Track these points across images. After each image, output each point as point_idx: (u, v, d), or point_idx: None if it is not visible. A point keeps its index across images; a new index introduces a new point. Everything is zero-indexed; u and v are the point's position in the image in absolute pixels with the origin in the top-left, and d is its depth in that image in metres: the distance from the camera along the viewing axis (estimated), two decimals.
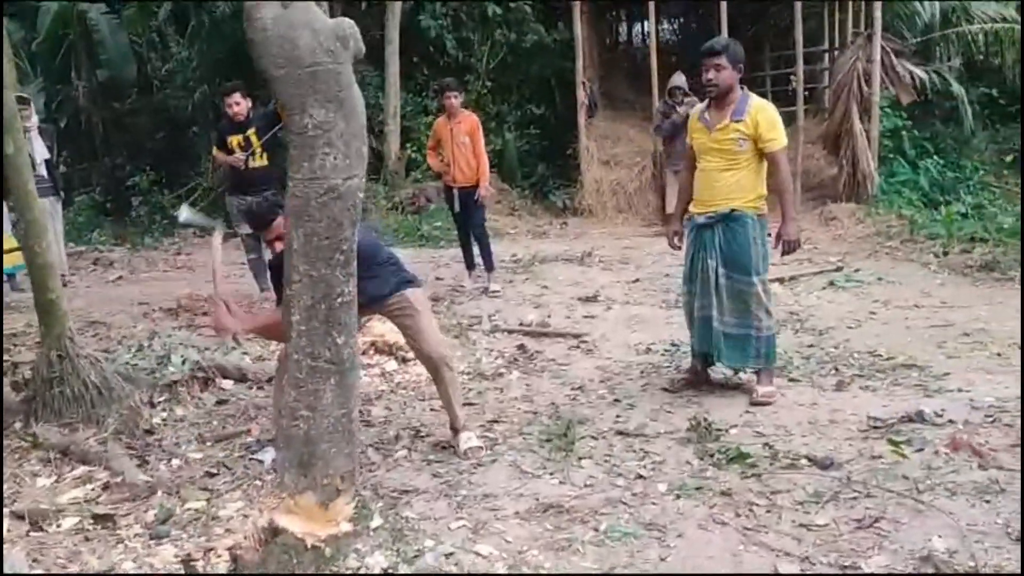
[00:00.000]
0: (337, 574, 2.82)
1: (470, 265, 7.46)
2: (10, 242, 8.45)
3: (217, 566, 2.84)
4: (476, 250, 7.40)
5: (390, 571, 2.87)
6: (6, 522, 3.21)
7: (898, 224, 9.01)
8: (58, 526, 3.22)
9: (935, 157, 11.49)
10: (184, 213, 4.56)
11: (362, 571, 2.84)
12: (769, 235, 4.47)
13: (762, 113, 4.24)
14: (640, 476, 3.61)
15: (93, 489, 3.48)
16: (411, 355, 5.25)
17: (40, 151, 8.40)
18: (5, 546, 3.01)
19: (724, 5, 10.37)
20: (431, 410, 4.57)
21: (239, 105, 6.82)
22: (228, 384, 4.93)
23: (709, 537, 3.07)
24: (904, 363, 4.86)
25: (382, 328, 5.55)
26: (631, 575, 2.85)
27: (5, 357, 4.81)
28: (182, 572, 2.82)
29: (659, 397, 4.61)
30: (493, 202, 10.81)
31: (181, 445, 4.08)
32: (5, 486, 3.51)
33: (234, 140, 6.87)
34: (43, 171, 8.58)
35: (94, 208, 12.90)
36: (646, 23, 14.74)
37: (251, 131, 6.84)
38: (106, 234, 11.63)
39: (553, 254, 8.57)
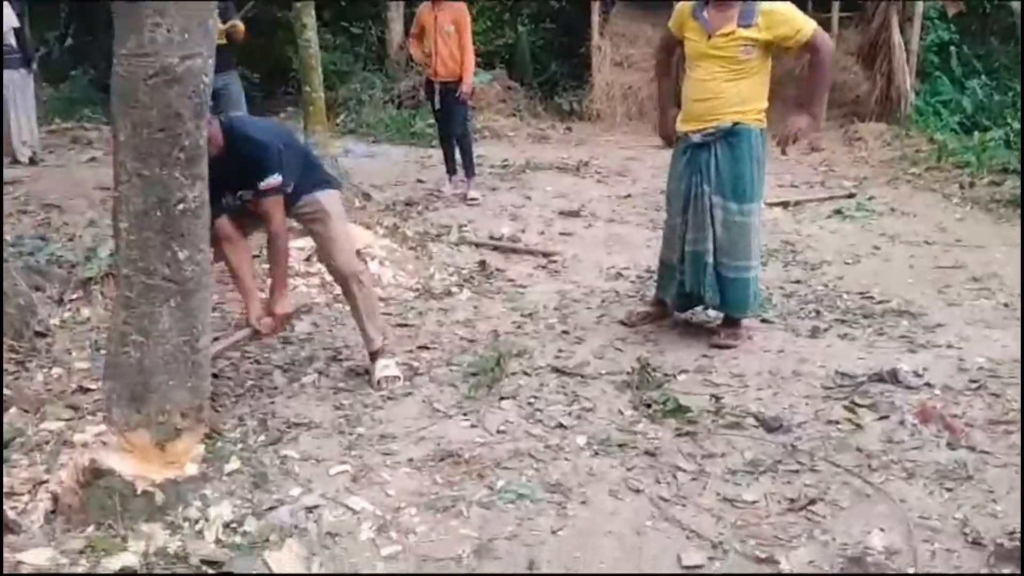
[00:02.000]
0: (171, 523, 2.45)
1: (451, 169, 6.91)
2: None
3: (37, 507, 2.48)
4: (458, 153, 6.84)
5: (233, 524, 2.49)
6: None
7: (928, 149, 8.23)
8: None
9: (983, 77, 10.52)
10: None
11: (200, 523, 2.46)
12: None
13: (774, 13, 3.58)
14: (561, 425, 3.18)
15: None
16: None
17: (8, 19, 7.91)
18: None
19: None
20: None
21: None
22: None
23: (616, 507, 2.65)
24: (896, 308, 4.33)
25: None
26: None
27: None
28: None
29: (612, 331, 4.14)
30: (498, 101, 10.17)
31: (72, 352, 3.71)
32: None
33: None
34: (11, 40, 8.12)
35: (93, 85, 12.39)
36: None
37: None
38: (98, 112, 11.16)
39: (548, 161, 7.98)
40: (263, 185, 3.17)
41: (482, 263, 5.22)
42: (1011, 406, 3.07)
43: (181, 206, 2.38)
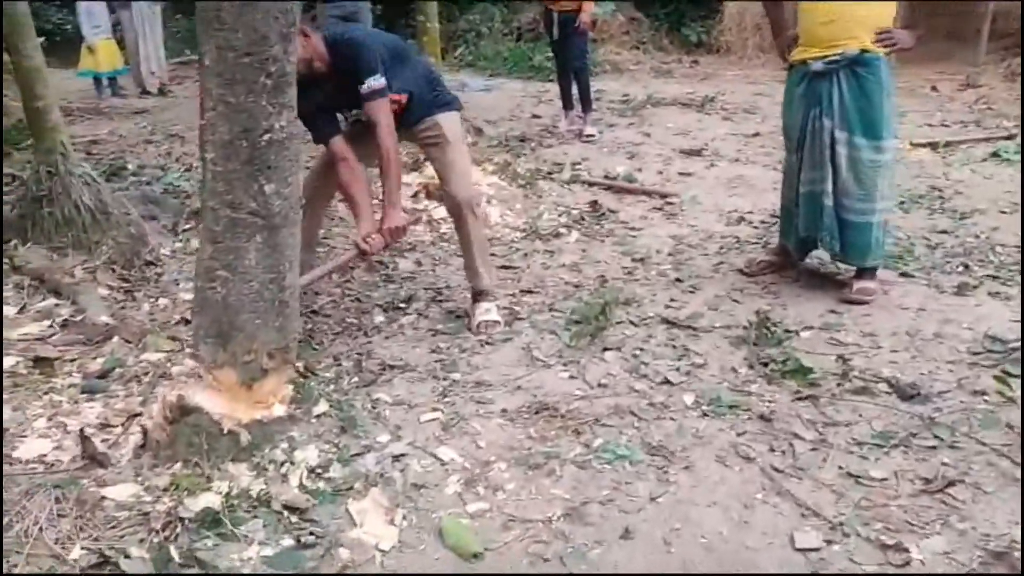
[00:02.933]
0: (256, 464, 2.39)
1: (567, 104, 6.63)
2: (108, 47, 8.32)
3: (128, 440, 2.47)
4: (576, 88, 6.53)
5: (318, 469, 2.41)
6: None
7: None
8: None
9: None
10: None
11: (285, 466, 2.39)
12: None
13: None
14: (667, 381, 2.95)
15: (51, 325, 3.18)
16: None
17: None
18: None
19: None
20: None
21: None
22: None
23: (723, 475, 2.42)
24: None
25: None
26: None
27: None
28: None
29: (730, 280, 3.84)
30: (621, 33, 9.73)
31: (180, 282, 3.73)
32: None
33: None
34: None
35: None
36: None
37: None
38: None
39: (671, 96, 7.56)
40: (364, 89, 2.96)
41: (593, 203, 4.97)
42: None
43: (268, 136, 2.25)
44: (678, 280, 3.88)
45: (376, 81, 2.96)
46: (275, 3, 2.16)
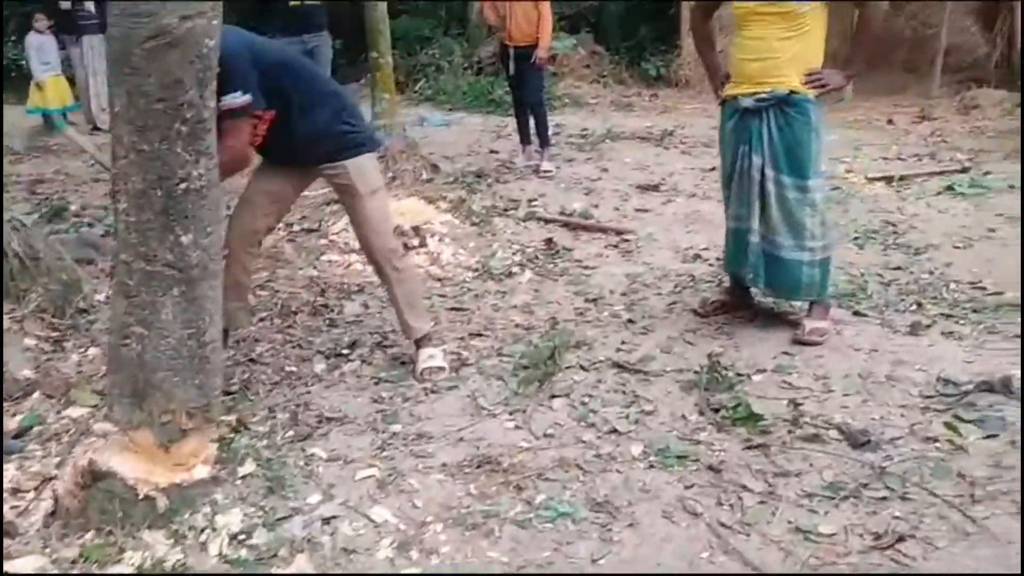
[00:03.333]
0: (174, 532, 2.25)
1: (525, 139, 6.59)
2: (57, 83, 8.17)
3: (39, 507, 2.32)
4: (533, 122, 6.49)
5: (241, 536, 2.27)
6: None
7: None
8: None
9: None
10: None
11: (206, 532, 2.26)
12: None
13: None
14: (615, 430, 2.85)
15: None
16: (417, 240, 4.61)
17: None
18: None
19: None
20: None
21: None
22: None
23: (669, 532, 2.32)
24: (1012, 302, 3.79)
25: (393, 205, 4.86)
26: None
27: None
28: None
29: (683, 321, 3.76)
30: (581, 66, 9.75)
31: None
32: None
33: None
34: (90, 6, 8.21)
35: None
36: None
37: None
38: None
39: (630, 130, 7.55)
40: (221, 105, 2.50)
41: (549, 241, 4.90)
42: None
43: (184, 185, 2.15)
44: (631, 321, 3.80)
45: (232, 99, 2.59)
46: (192, 45, 2.07)
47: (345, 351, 3.52)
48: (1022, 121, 6.07)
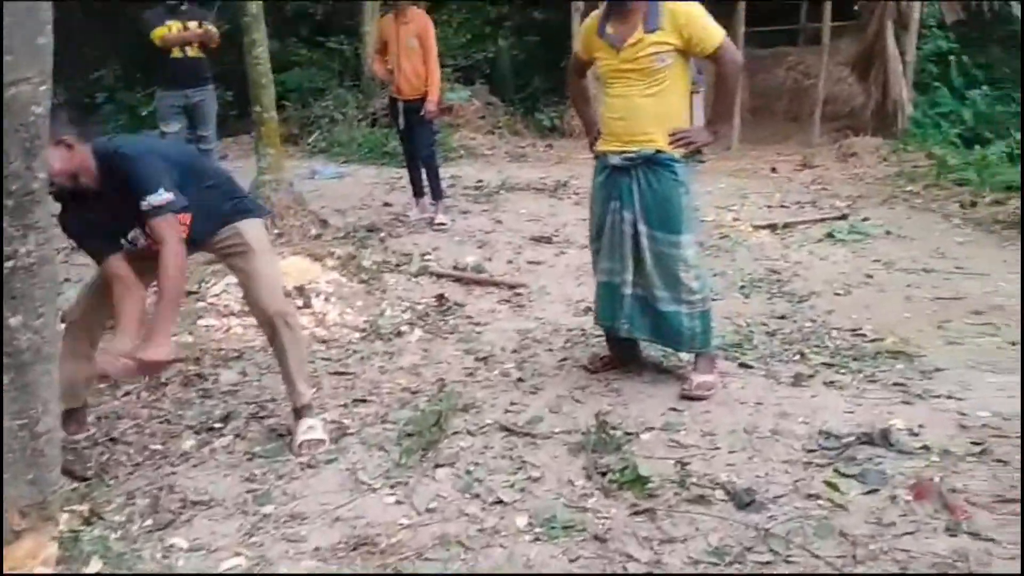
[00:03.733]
0: None
1: (417, 192, 6.51)
2: None
3: None
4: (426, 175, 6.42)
5: None
6: None
7: (926, 165, 7.80)
8: None
9: (985, 87, 10.11)
10: None
11: None
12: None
13: (678, 14, 3.22)
14: (500, 501, 2.74)
15: None
16: (301, 300, 4.44)
17: None
18: None
19: None
20: None
21: None
22: None
23: None
24: (891, 349, 3.89)
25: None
26: None
27: None
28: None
29: (573, 378, 3.71)
30: (477, 117, 9.78)
31: None
32: None
33: (173, 25, 6.08)
34: None
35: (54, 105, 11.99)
36: None
37: (191, 22, 6.18)
38: None
39: (525, 181, 7.57)
40: (145, 206, 2.64)
41: (440, 297, 4.80)
42: (1019, 477, 2.63)
43: (11, 263, 1.97)
44: (520, 380, 3.72)
45: (158, 197, 2.66)
46: (17, 113, 1.90)
47: (217, 425, 3.32)
48: (1022, 123, 6.30)
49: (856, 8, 11.64)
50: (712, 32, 3.24)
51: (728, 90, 3.46)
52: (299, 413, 3.17)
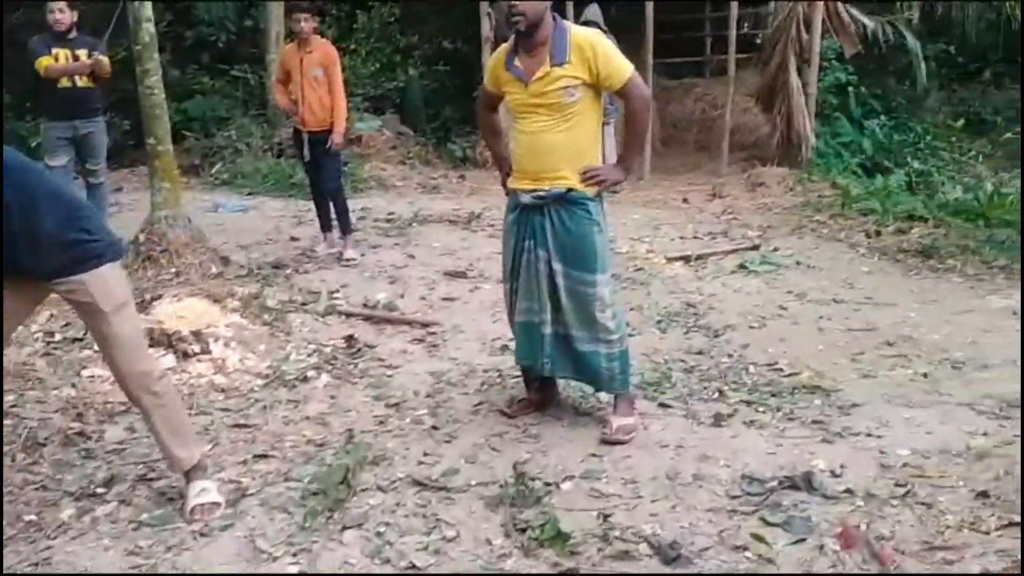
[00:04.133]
0: None
1: (325, 226, 6.26)
2: None
3: None
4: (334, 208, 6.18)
5: None
6: None
7: (831, 194, 7.98)
8: None
9: (882, 117, 10.50)
10: None
11: None
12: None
13: (584, 48, 3.14)
14: (413, 566, 2.56)
15: None
16: (198, 346, 4.16)
17: None
18: None
19: None
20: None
21: (63, 14, 5.71)
22: None
23: None
24: (807, 384, 3.87)
25: (167, 309, 4.40)
26: None
27: None
28: None
29: (489, 424, 3.55)
30: (387, 148, 9.59)
31: None
32: None
33: (60, 53, 5.72)
34: None
35: None
36: None
37: (80, 51, 5.81)
38: None
39: (437, 213, 7.41)
40: None
41: (349, 338, 4.58)
42: (945, 521, 2.59)
43: None
44: (434, 428, 3.53)
45: None
46: None
47: (100, 490, 3.02)
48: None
49: (758, 41, 11.99)
50: (620, 67, 3.17)
51: (638, 126, 3.38)
52: (189, 476, 2.91)
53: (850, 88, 10.05)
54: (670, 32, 11.46)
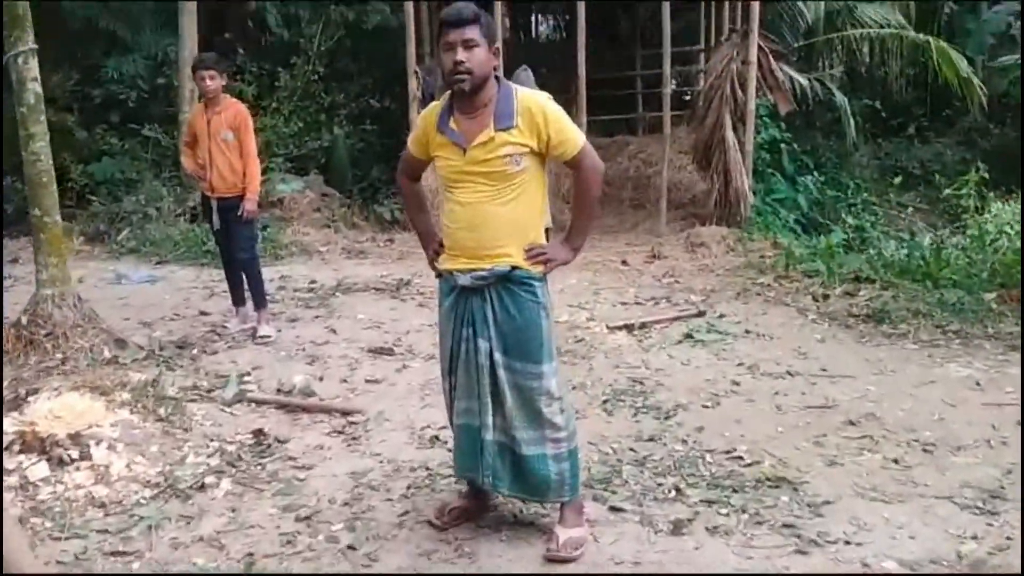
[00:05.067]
0: None
1: (237, 300, 5.74)
2: None
3: None
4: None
5: None
6: None
7: (773, 254, 7.76)
8: None
9: (815, 173, 10.48)
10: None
11: None
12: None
13: (540, 111, 2.77)
14: None
15: None
16: (76, 451, 3.59)
17: None
18: None
19: None
20: (60, 555, 2.90)
21: None
22: None
23: None
24: (771, 475, 3.48)
25: (42, 407, 3.82)
26: None
27: None
28: None
29: (417, 539, 3.06)
30: (311, 210, 9.12)
31: None
32: None
33: None
34: None
35: None
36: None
37: None
38: None
39: (363, 281, 6.93)
40: None
41: (258, 433, 4.04)
42: None
43: None
44: (351, 548, 3.03)
45: None
46: None
47: None
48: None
49: (686, 98, 11.97)
50: (572, 136, 2.80)
51: (589, 201, 2.99)
52: None
53: (783, 145, 10.00)
54: (602, 89, 11.34)
